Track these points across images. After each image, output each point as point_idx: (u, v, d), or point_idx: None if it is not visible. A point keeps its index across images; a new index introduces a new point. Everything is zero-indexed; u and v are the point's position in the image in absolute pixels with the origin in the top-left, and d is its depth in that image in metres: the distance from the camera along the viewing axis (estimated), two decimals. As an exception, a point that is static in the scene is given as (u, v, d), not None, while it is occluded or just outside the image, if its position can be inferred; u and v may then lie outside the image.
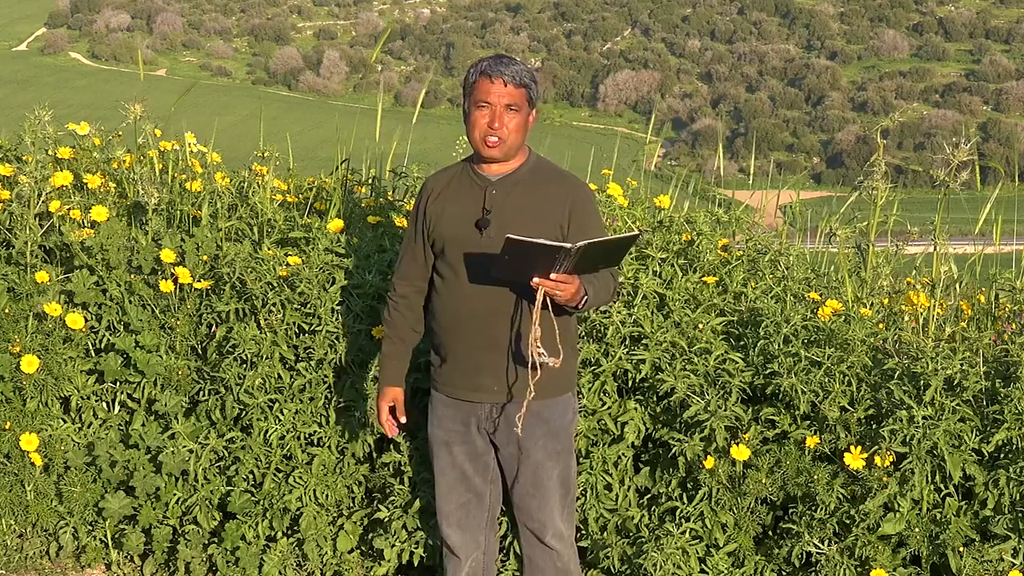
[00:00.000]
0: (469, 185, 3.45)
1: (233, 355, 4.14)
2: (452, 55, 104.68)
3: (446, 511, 3.60)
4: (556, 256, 3.08)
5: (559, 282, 3.15)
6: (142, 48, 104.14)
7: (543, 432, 3.45)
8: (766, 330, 3.79)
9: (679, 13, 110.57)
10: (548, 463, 3.48)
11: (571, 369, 3.53)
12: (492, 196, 3.40)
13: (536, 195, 3.40)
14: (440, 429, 3.55)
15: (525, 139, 3.44)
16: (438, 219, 3.46)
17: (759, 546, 3.76)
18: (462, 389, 3.48)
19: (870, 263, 4.45)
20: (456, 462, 3.54)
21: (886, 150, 4.37)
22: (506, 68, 3.36)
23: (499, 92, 3.35)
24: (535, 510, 3.52)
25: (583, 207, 3.42)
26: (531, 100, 3.41)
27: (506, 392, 3.42)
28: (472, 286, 3.38)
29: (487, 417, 3.47)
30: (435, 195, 3.50)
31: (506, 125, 3.36)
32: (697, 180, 6.20)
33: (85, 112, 9.98)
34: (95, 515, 4.35)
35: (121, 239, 4.48)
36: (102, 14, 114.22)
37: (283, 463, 4.18)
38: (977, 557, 3.44)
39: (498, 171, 3.43)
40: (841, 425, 3.67)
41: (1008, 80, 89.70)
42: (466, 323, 3.41)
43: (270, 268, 4.19)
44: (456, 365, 3.48)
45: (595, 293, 3.29)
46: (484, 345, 3.40)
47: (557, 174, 3.48)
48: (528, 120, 3.42)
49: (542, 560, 3.57)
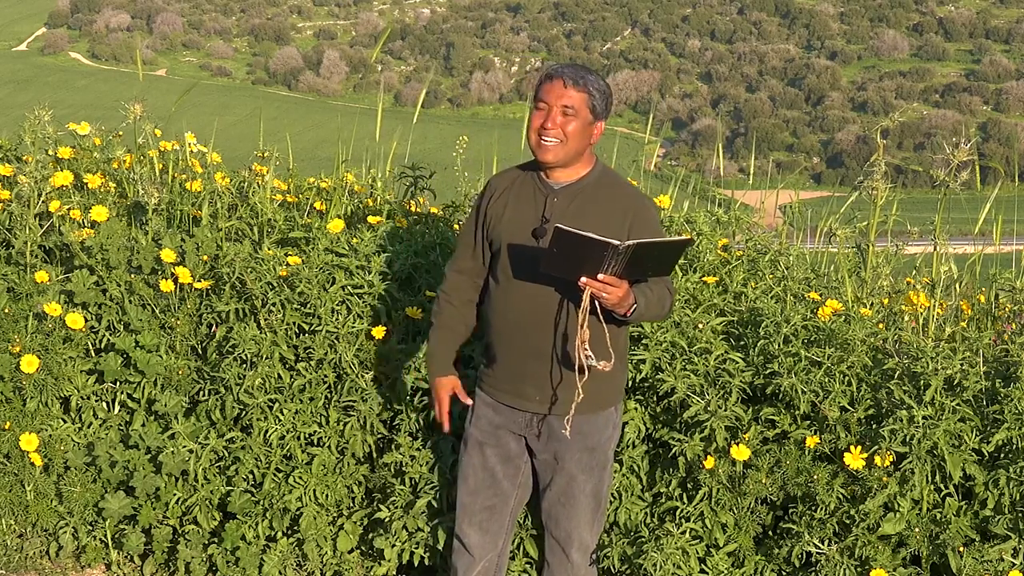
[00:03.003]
0: (532, 191, 3.37)
1: (233, 355, 4.14)
2: (452, 55, 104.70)
3: (471, 511, 3.56)
4: (604, 254, 2.99)
5: (607, 284, 3.07)
6: (141, 48, 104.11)
7: (580, 446, 3.42)
8: (766, 330, 3.79)
9: (679, 13, 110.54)
10: (581, 476, 3.45)
11: (618, 383, 3.48)
12: (553, 204, 3.32)
13: (597, 206, 3.32)
14: (477, 429, 3.52)
15: (587, 148, 3.33)
16: (497, 221, 3.40)
17: (759, 546, 3.76)
18: (505, 394, 3.45)
19: (870, 263, 4.45)
20: (488, 464, 3.52)
21: (886, 150, 4.37)
22: (570, 70, 3.29)
23: (557, 92, 3.26)
24: (563, 519, 3.51)
25: (644, 219, 3.32)
26: (594, 109, 3.29)
27: (548, 403, 3.38)
28: (523, 293, 3.32)
29: (527, 424, 3.44)
30: (497, 195, 3.43)
31: (561, 127, 3.26)
32: (697, 180, 6.20)
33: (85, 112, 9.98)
34: (95, 515, 4.35)
35: (121, 239, 4.48)
36: (102, 14, 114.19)
37: (283, 463, 4.18)
38: (977, 557, 3.43)
39: (562, 179, 3.35)
40: (841, 425, 3.67)
41: (1008, 80, 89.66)
42: (514, 329, 3.37)
43: (270, 268, 4.19)
44: (502, 370, 3.44)
45: (647, 304, 3.19)
46: (530, 353, 3.36)
47: (620, 185, 3.40)
48: (591, 129, 3.30)
49: (559, 570, 3.57)
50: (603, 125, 3.35)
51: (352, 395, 4.12)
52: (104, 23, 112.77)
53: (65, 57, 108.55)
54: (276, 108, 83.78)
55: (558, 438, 3.40)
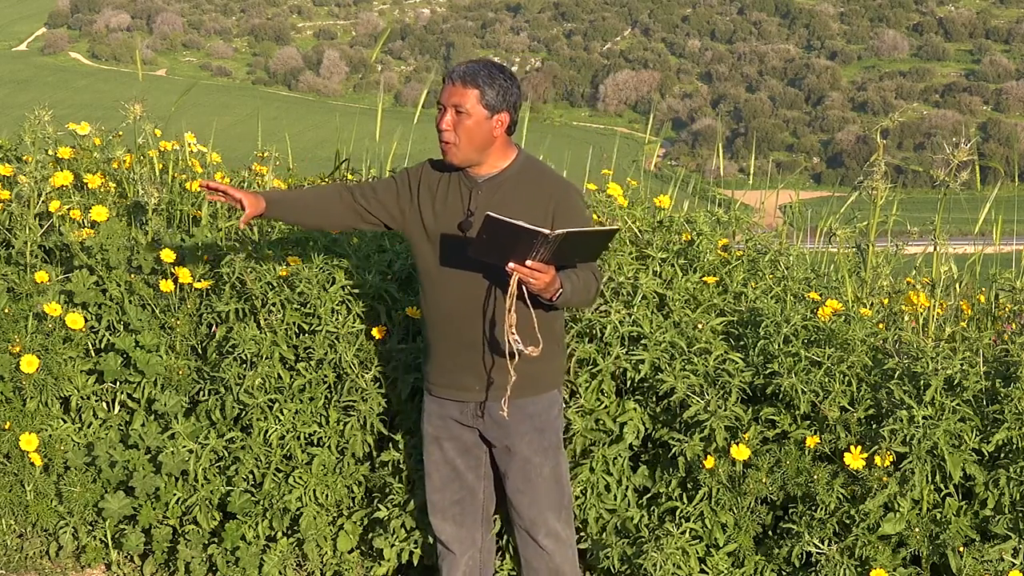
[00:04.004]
0: (458, 185, 3.43)
1: (233, 355, 4.14)
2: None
3: (440, 506, 3.60)
4: (533, 241, 3.05)
5: (534, 270, 3.12)
6: (141, 48, 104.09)
7: (528, 428, 3.46)
8: (766, 330, 3.79)
9: (679, 13, 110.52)
10: (536, 459, 3.49)
11: (556, 368, 3.53)
12: (477, 197, 3.38)
13: (519, 196, 3.37)
14: (429, 425, 3.58)
15: (494, 142, 3.36)
16: (424, 208, 3.45)
17: (759, 546, 3.76)
18: (445, 388, 3.51)
19: (870, 263, 4.44)
20: (447, 457, 3.56)
21: (886, 150, 4.37)
22: (461, 68, 3.33)
23: (448, 92, 3.34)
24: (525, 507, 3.53)
25: (567, 204, 3.38)
26: (488, 103, 3.31)
27: (486, 390, 3.43)
28: (452, 284, 3.39)
29: (472, 415, 3.48)
30: (429, 181, 3.47)
31: (452, 127, 3.31)
32: (697, 180, 6.20)
33: (85, 112, 9.98)
34: (95, 515, 4.35)
35: (121, 239, 4.48)
36: (102, 14, 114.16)
37: (283, 463, 4.18)
38: (977, 557, 3.43)
39: (483, 172, 3.40)
40: (841, 425, 3.67)
41: (1008, 80, 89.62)
42: (446, 321, 3.43)
43: (270, 268, 4.19)
44: (439, 363, 3.50)
45: (572, 289, 3.25)
46: (464, 343, 3.41)
47: (541, 174, 3.44)
48: (488, 124, 3.32)
49: (536, 560, 3.58)
50: (507, 116, 3.36)
51: (352, 395, 4.12)
52: (104, 23, 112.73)
53: (65, 57, 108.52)
54: (276, 108, 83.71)
55: (504, 423, 3.44)
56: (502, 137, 3.39)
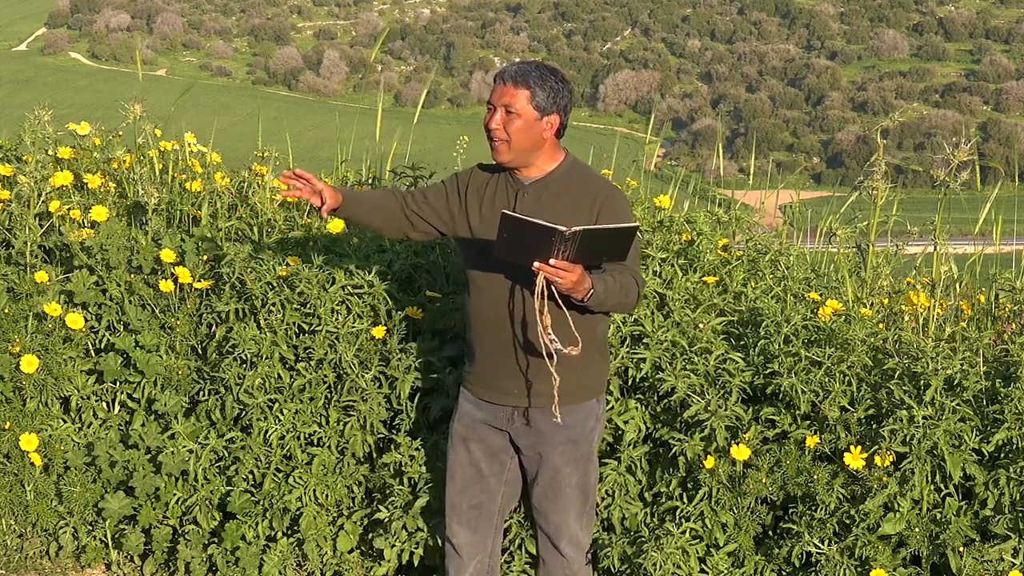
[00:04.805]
0: (505, 187, 3.41)
1: (233, 355, 4.14)
2: (452, 55, 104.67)
3: (459, 509, 3.58)
4: (552, 239, 3.03)
5: (559, 268, 3.08)
6: (141, 48, 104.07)
7: (563, 438, 3.44)
8: (766, 330, 3.79)
9: (679, 13, 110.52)
10: (566, 469, 3.47)
11: (597, 376, 3.49)
12: (523, 200, 3.35)
13: (565, 199, 3.34)
14: (460, 424, 3.55)
15: (544, 144, 3.35)
16: (471, 211, 3.44)
17: (759, 546, 3.76)
18: (484, 390, 3.49)
19: (870, 263, 4.45)
20: (473, 459, 3.54)
21: (886, 150, 4.37)
22: (512, 68, 3.32)
23: (499, 92, 3.33)
24: (551, 514, 3.53)
25: (611, 207, 3.33)
26: (539, 105, 3.30)
27: (526, 396, 3.40)
28: (495, 288, 3.36)
29: (508, 419, 3.46)
30: (477, 184, 3.47)
31: (503, 127, 3.30)
32: (697, 180, 6.20)
33: (85, 112, 9.98)
34: (95, 515, 4.36)
35: (121, 239, 4.48)
36: (102, 14, 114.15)
37: (283, 463, 4.18)
38: (977, 557, 3.43)
39: (530, 175, 3.38)
40: (841, 425, 3.67)
41: (1008, 80, 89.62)
42: (488, 324, 3.40)
43: (270, 268, 4.19)
44: (480, 366, 3.48)
45: (606, 290, 3.19)
46: (503, 346, 3.39)
47: (587, 177, 3.41)
48: (539, 125, 3.31)
49: (555, 567, 3.58)
50: (557, 118, 3.35)
51: (352, 395, 4.12)
52: (104, 23, 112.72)
53: (65, 57, 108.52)
54: (276, 108, 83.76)
55: (541, 431, 3.42)
56: (551, 140, 3.37)
